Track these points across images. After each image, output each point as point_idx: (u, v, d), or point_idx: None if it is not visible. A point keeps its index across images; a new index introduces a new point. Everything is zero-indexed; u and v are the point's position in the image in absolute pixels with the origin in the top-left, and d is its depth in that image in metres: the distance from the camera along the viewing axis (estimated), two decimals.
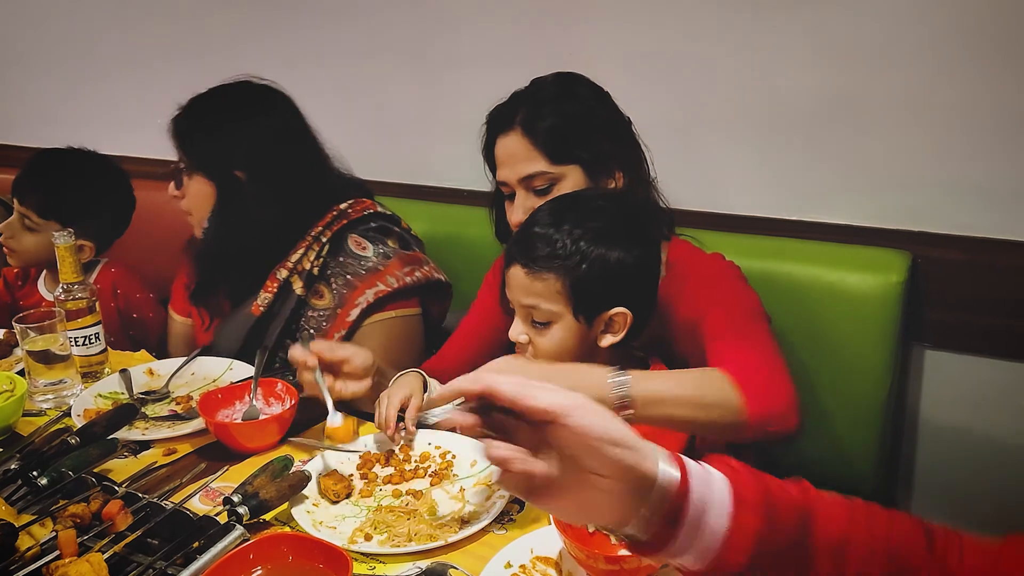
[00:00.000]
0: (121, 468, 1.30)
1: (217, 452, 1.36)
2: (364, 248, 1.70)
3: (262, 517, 1.16)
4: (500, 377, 0.74)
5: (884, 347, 1.74)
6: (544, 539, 1.11)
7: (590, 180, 1.43)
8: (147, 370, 1.62)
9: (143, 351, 1.74)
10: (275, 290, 1.67)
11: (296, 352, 1.37)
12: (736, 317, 1.32)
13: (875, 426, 1.78)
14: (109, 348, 1.66)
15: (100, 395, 1.52)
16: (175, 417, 1.46)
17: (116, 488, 1.18)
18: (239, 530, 1.08)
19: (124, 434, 1.36)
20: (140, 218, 2.06)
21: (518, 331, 1.29)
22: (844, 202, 1.84)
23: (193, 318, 1.83)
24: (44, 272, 2.03)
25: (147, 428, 1.42)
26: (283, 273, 1.67)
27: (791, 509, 0.74)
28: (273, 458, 1.25)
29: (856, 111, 1.76)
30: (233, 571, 0.97)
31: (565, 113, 1.43)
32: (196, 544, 1.06)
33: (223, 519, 1.11)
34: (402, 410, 1.34)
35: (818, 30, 1.75)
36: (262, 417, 1.40)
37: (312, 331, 1.68)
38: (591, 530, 1.03)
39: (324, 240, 1.68)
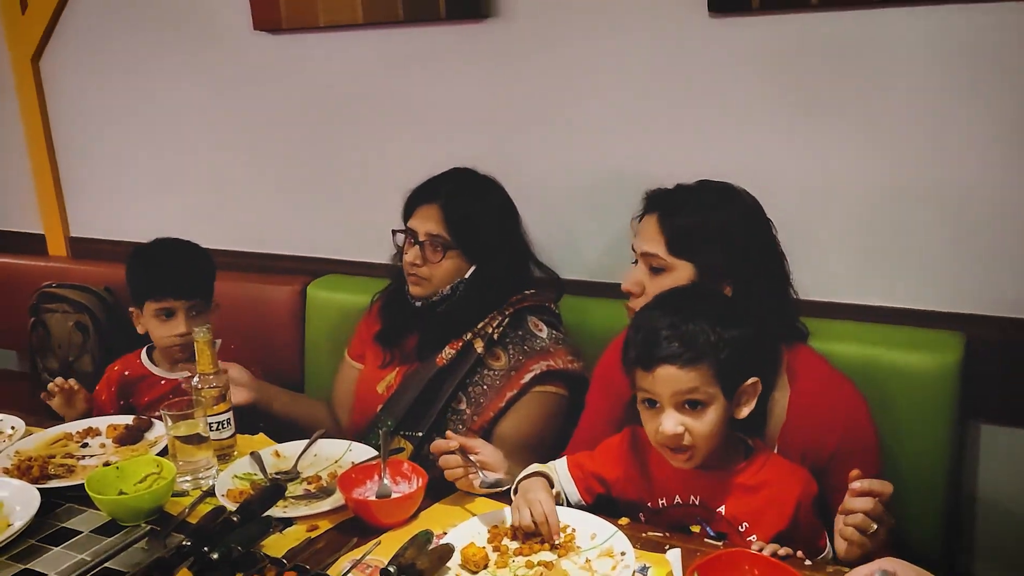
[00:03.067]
0: (272, 544, 1.44)
1: (356, 527, 1.50)
2: (541, 329, 1.99)
3: None
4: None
5: (943, 424, 1.87)
6: None
7: (698, 280, 1.60)
8: (274, 452, 1.76)
9: (261, 434, 1.88)
10: (459, 347, 1.94)
11: (438, 442, 1.57)
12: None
13: (938, 499, 1.90)
14: None
15: (236, 476, 1.66)
16: (310, 496, 1.60)
17: (284, 562, 1.31)
18: None
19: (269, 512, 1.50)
20: None
21: (673, 423, 1.40)
22: (902, 286, 2.00)
23: (366, 363, 2.10)
24: (146, 347, 2.21)
25: (287, 506, 1.56)
26: (468, 335, 1.94)
27: None
28: (416, 532, 1.39)
29: (908, 201, 1.94)
30: None
31: (699, 218, 1.62)
32: None
33: None
34: None
35: (874, 126, 1.94)
36: (394, 495, 1.54)
37: (486, 387, 1.94)
38: None
39: (507, 313, 1.96)
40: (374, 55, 2.49)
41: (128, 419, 1.91)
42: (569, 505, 1.57)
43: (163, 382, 2.16)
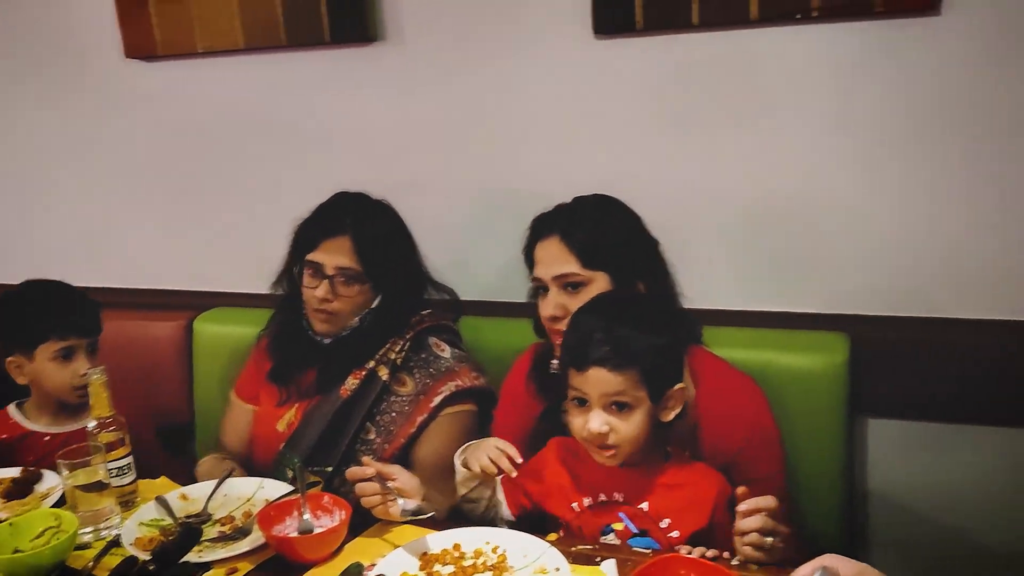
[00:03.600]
0: None
1: (278, 566, 1.45)
2: (443, 349, 1.98)
3: None
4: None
5: (836, 421, 1.97)
6: None
7: (615, 287, 1.66)
8: (180, 495, 1.68)
9: (163, 477, 1.79)
10: (363, 377, 1.90)
11: (354, 469, 1.54)
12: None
13: (836, 494, 1.99)
14: None
15: (143, 523, 1.58)
16: (226, 537, 1.53)
17: None
18: None
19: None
20: None
21: (599, 422, 1.45)
22: (786, 291, 2.10)
23: (260, 403, 2.01)
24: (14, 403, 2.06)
25: (202, 551, 1.48)
26: (371, 363, 1.90)
27: None
28: (347, 566, 1.35)
29: (787, 210, 2.04)
30: None
31: (599, 229, 1.68)
32: None
33: None
34: None
35: (753, 140, 2.04)
36: (317, 530, 1.49)
37: (395, 414, 1.90)
38: None
39: (408, 337, 1.93)
40: (257, 81, 2.44)
41: (14, 471, 1.78)
42: (501, 521, 1.60)
43: (47, 438, 2.01)
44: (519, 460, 1.53)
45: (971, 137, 1.88)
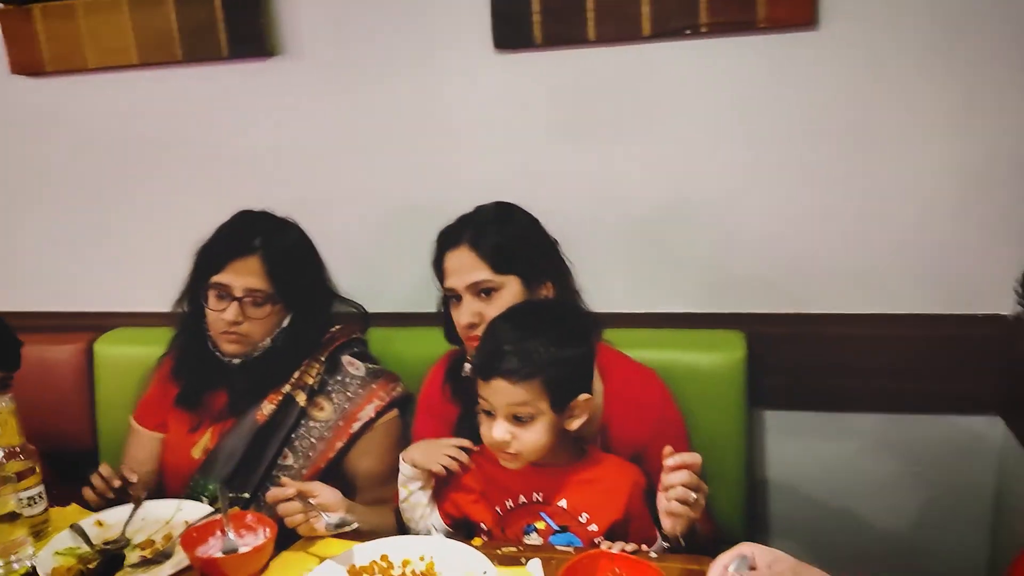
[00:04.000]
0: None
1: None
2: (357, 368, 1.96)
3: None
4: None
5: (736, 414, 2.08)
6: None
7: (526, 288, 1.72)
8: (96, 522, 1.65)
9: (73, 504, 1.76)
10: (279, 401, 1.87)
11: (274, 491, 1.56)
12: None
13: (739, 485, 2.10)
14: None
15: (58, 552, 1.54)
16: (147, 562, 1.52)
17: None
18: None
19: None
20: None
21: (503, 431, 1.51)
22: (688, 293, 2.20)
23: (169, 430, 1.96)
24: None
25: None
26: (287, 387, 1.88)
27: None
28: None
29: (683, 214, 2.14)
30: None
31: (505, 233, 1.73)
32: None
33: None
34: None
35: (648, 149, 2.14)
36: (242, 549, 1.50)
37: (313, 440, 1.88)
38: None
39: (322, 359, 1.92)
40: (152, 97, 2.40)
41: None
42: (436, 531, 1.65)
43: None
44: (474, 448, 1.61)
45: (848, 141, 2.02)
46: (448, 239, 1.79)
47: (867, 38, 1.96)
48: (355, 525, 1.53)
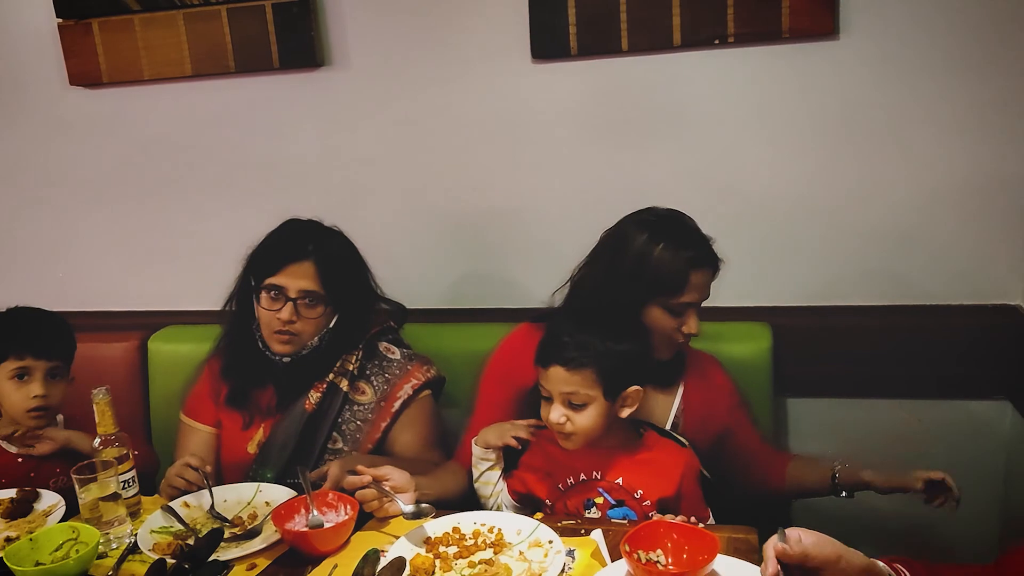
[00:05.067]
0: None
1: (292, 559, 1.58)
2: (393, 352, 2.10)
3: None
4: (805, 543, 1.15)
5: (764, 402, 2.21)
6: (610, 574, 1.44)
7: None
8: (183, 503, 1.78)
9: (156, 495, 1.89)
10: (324, 390, 2.01)
11: (350, 478, 1.69)
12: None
13: None
14: None
15: (153, 531, 1.68)
16: (238, 538, 1.65)
17: None
18: None
19: None
20: None
21: (559, 414, 1.66)
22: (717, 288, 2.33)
23: (223, 429, 2.07)
24: None
25: (218, 551, 1.60)
26: (330, 376, 2.01)
27: (936, 572, 1.23)
28: (366, 553, 1.50)
29: (714, 213, 2.26)
30: None
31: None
32: None
33: None
34: None
35: (680, 151, 2.27)
36: (326, 524, 1.63)
37: (359, 422, 2.02)
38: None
39: (360, 347, 2.05)
40: (206, 106, 2.53)
41: (10, 492, 1.85)
42: (506, 507, 1.80)
43: (20, 460, 2.06)
44: (542, 425, 1.74)
45: (868, 143, 2.16)
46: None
47: (885, 47, 2.10)
48: (432, 514, 1.65)
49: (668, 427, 1.87)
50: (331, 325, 2.02)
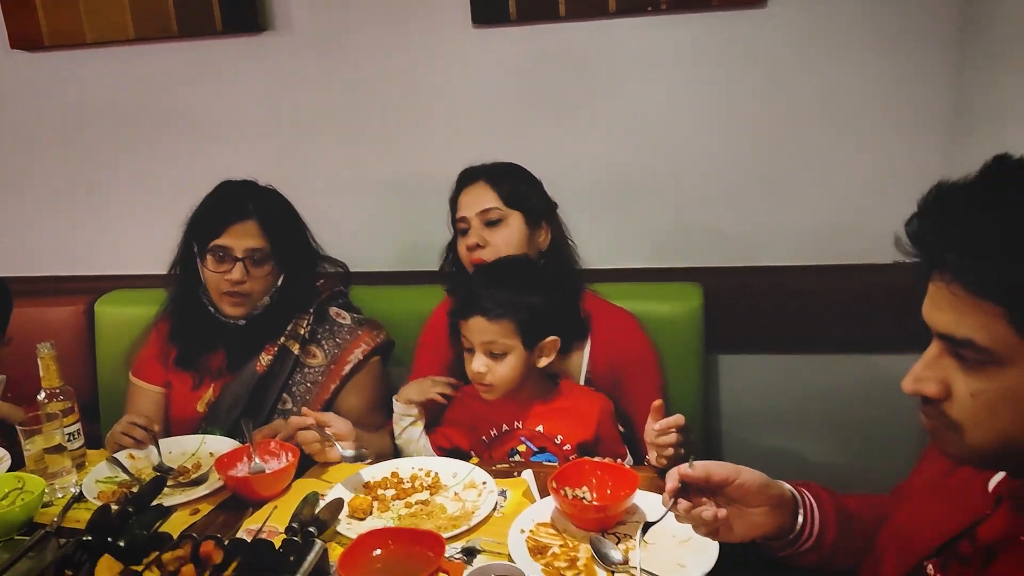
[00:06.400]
0: (167, 527, 1.54)
1: (236, 505, 1.64)
2: (343, 317, 2.14)
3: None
4: (707, 465, 1.21)
5: (694, 359, 2.31)
6: (539, 511, 1.52)
7: (527, 227, 1.94)
8: (128, 455, 1.83)
9: (102, 449, 1.93)
10: (275, 353, 2.04)
11: (294, 419, 1.75)
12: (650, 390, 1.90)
13: (698, 423, 2.34)
14: None
15: (99, 481, 1.73)
16: (183, 485, 1.71)
17: (194, 536, 1.43)
18: (319, 543, 1.39)
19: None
20: None
21: (480, 363, 1.74)
22: (649, 250, 2.42)
23: (173, 389, 2.11)
24: None
25: (162, 498, 1.65)
26: (281, 339, 2.05)
27: (838, 498, 1.30)
28: (306, 495, 1.56)
29: (646, 179, 2.37)
30: (360, 554, 1.29)
31: (516, 179, 1.98)
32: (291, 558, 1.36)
33: None
34: None
35: (614, 118, 2.34)
36: (268, 471, 1.69)
37: (309, 384, 2.06)
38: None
39: (311, 311, 2.08)
40: (149, 70, 2.54)
41: None
42: None
43: None
44: (458, 384, 1.85)
45: (794, 108, 2.25)
46: (467, 177, 2.02)
47: (812, 17, 2.19)
48: (370, 458, 1.73)
49: (582, 380, 1.96)
50: (279, 284, 2.06)
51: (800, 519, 1.26)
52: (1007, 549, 1.00)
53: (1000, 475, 1.08)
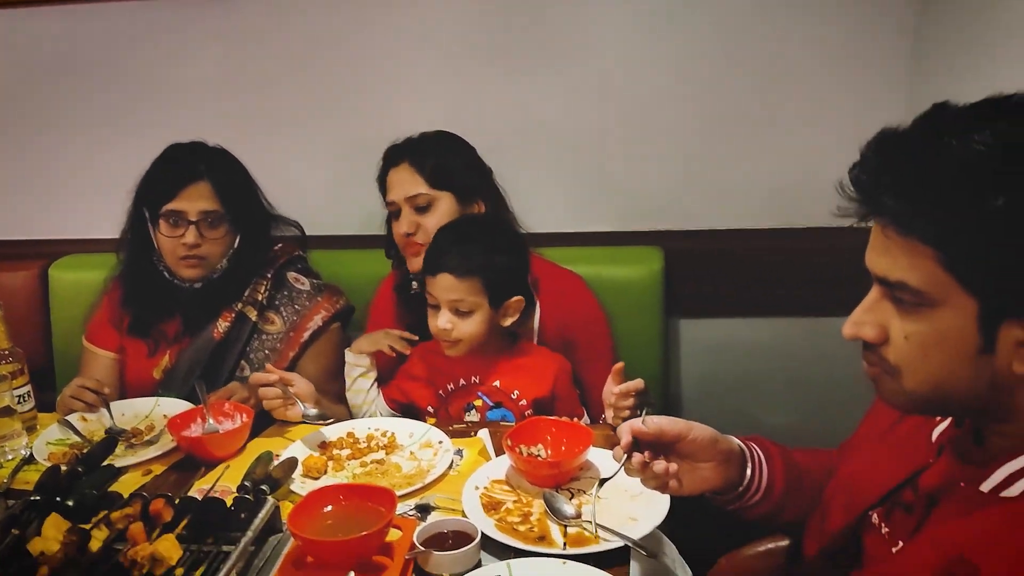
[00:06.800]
0: (118, 487, 1.53)
1: (189, 465, 1.63)
2: (302, 282, 2.11)
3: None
4: (659, 421, 1.22)
5: (654, 322, 2.32)
6: (494, 468, 1.53)
7: (459, 205, 1.92)
8: (80, 417, 1.81)
9: (55, 413, 1.91)
10: (232, 319, 2.00)
11: (256, 375, 1.74)
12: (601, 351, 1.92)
13: (658, 385, 2.36)
14: None
15: (50, 443, 1.71)
16: (135, 447, 1.69)
17: (145, 495, 1.42)
18: (271, 501, 1.39)
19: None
20: None
21: (445, 320, 1.73)
22: (609, 213, 2.42)
23: (127, 355, 2.08)
24: None
25: (114, 459, 1.64)
26: (238, 305, 2.00)
27: (787, 453, 1.32)
28: (259, 454, 1.55)
29: (606, 140, 2.36)
30: (311, 509, 1.29)
31: (442, 155, 1.93)
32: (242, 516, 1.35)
33: None
34: None
35: (576, 76, 2.32)
36: (221, 431, 1.68)
37: (267, 351, 2.02)
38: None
39: (269, 276, 2.04)
40: (103, 31, 2.48)
41: None
42: (381, 416, 1.87)
43: None
44: (414, 338, 1.85)
45: (752, 67, 2.24)
46: (392, 157, 1.98)
47: None
48: (332, 420, 1.72)
49: (534, 341, 1.95)
50: (235, 246, 2.03)
51: (748, 473, 1.27)
52: (947, 495, 1.01)
53: (943, 425, 1.10)
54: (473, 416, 1.83)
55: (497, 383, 1.82)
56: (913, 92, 2.17)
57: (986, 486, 0.95)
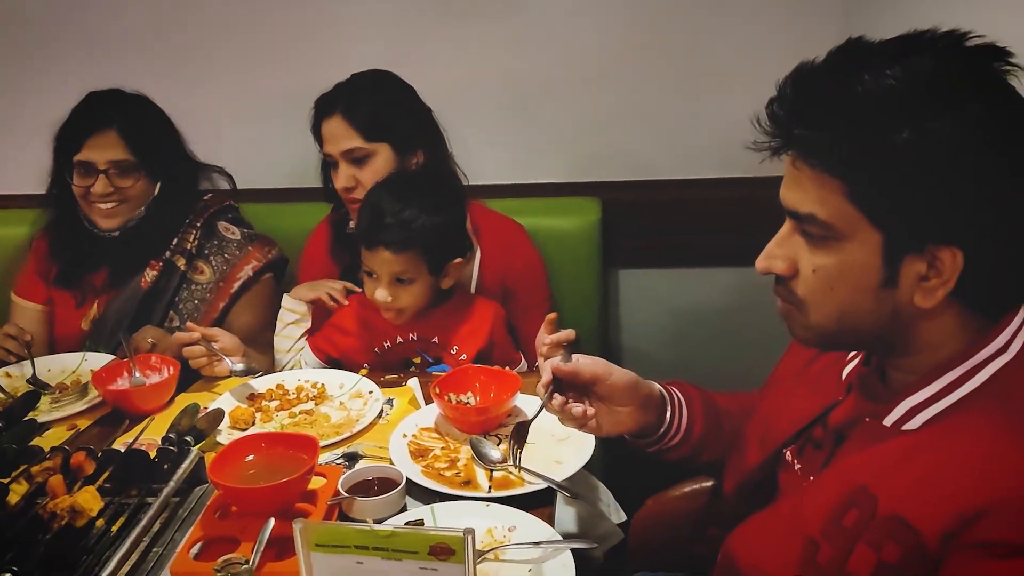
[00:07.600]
0: (42, 442, 1.50)
1: (115, 419, 1.61)
2: (232, 232, 2.08)
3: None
4: (578, 361, 1.24)
5: (592, 273, 2.33)
6: (423, 416, 1.53)
7: (397, 155, 1.87)
8: (4, 373, 1.78)
9: None
10: (160, 268, 1.96)
11: (179, 334, 1.72)
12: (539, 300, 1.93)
13: (597, 336, 2.37)
14: None
15: None
16: (61, 401, 1.67)
17: (66, 448, 1.40)
18: (195, 451, 1.38)
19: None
20: None
21: (384, 294, 1.70)
22: (549, 164, 2.41)
23: (56, 306, 2.04)
24: None
25: (38, 414, 1.61)
26: (166, 254, 1.97)
27: (707, 396, 1.35)
28: (185, 406, 1.54)
29: (549, 91, 2.34)
30: (233, 459, 1.28)
31: (377, 102, 1.86)
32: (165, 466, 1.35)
33: None
34: None
35: (518, 29, 2.29)
36: (148, 384, 1.66)
37: (197, 302, 2.00)
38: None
39: (198, 225, 2.00)
40: None
41: None
42: (307, 366, 1.86)
43: None
44: (353, 291, 1.84)
45: (694, 17, 2.23)
46: (324, 107, 1.91)
47: None
48: (260, 372, 1.71)
49: (473, 288, 1.95)
50: (155, 194, 1.99)
51: (668, 417, 1.29)
52: (853, 431, 1.03)
53: (853, 363, 1.12)
54: (412, 372, 1.81)
55: (435, 339, 1.81)
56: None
57: (888, 420, 0.97)
